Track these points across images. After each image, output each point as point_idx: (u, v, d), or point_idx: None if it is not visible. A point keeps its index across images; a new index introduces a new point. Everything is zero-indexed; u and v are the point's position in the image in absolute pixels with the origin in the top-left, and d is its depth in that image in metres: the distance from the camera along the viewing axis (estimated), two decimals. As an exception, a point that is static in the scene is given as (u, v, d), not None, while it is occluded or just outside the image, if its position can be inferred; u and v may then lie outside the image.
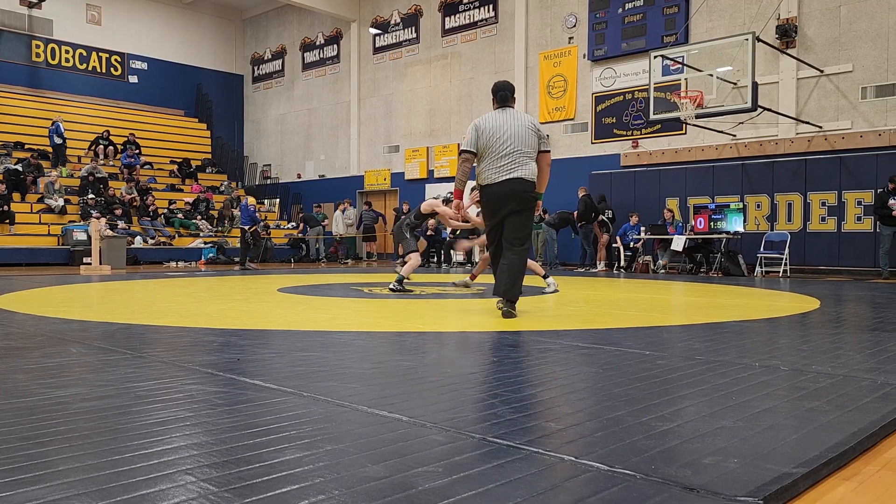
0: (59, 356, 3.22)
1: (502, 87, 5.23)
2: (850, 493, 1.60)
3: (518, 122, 5.07)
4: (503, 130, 5.02)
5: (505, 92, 5.22)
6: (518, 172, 4.98)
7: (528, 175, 5.00)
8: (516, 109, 5.23)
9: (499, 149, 5.00)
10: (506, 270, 4.99)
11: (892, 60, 11.93)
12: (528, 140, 5.04)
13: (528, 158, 5.03)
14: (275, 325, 4.52)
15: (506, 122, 5.04)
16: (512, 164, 4.98)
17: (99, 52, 22.09)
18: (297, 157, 23.10)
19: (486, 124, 5.08)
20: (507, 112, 5.13)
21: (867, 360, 3.19)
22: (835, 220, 12.26)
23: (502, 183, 4.99)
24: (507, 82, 5.27)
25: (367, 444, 1.82)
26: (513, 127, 5.03)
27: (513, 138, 5.00)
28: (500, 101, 5.20)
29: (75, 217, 16.54)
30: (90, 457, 1.69)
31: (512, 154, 4.97)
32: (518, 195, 4.99)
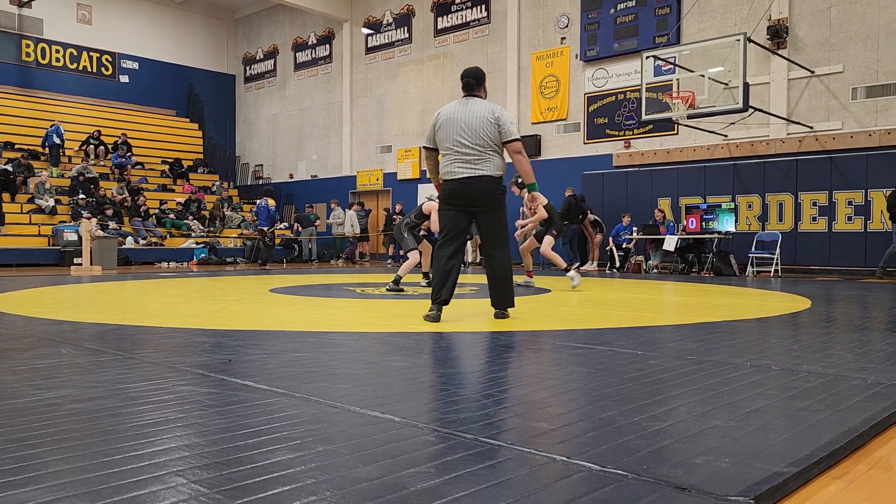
0: (50, 357, 3.20)
1: (466, 73, 4.82)
2: (841, 492, 1.61)
3: (475, 113, 4.64)
4: (458, 122, 4.65)
5: (468, 79, 4.80)
6: (479, 170, 4.64)
7: (491, 171, 4.65)
8: (481, 99, 4.78)
9: (455, 143, 4.65)
10: (497, 280, 4.81)
11: (883, 61, 12.00)
12: (487, 132, 4.61)
13: (489, 153, 4.64)
14: (267, 326, 4.51)
15: (462, 114, 4.66)
16: (472, 160, 4.62)
17: (90, 51, 21.99)
18: (289, 157, 23.05)
19: (444, 116, 4.74)
20: (468, 103, 4.72)
21: (857, 360, 3.21)
22: (826, 220, 12.33)
23: (464, 181, 4.65)
24: (475, 69, 4.85)
25: (359, 445, 1.81)
26: (468, 118, 4.63)
27: (467, 130, 4.62)
28: (464, 89, 4.82)
29: (66, 217, 16.45)
30: (80, 458, 1.68)
31: (471, 148, 4.62)
32: (485, 196, 4.67)
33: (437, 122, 4.77)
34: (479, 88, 4.82)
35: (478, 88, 4.81)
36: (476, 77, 4.80)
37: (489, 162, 4.65)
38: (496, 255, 4.82)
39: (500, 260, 4.81)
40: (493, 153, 4.66)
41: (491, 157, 4.65)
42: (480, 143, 4.62)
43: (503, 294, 4.84)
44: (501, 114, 4.70)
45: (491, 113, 4.66)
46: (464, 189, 4.68)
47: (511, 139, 4.68)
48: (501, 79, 17.24)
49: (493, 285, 4.86)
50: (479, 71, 4.83)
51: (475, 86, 4.80)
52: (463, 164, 4.65)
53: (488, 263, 4.86)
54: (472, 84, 4.79)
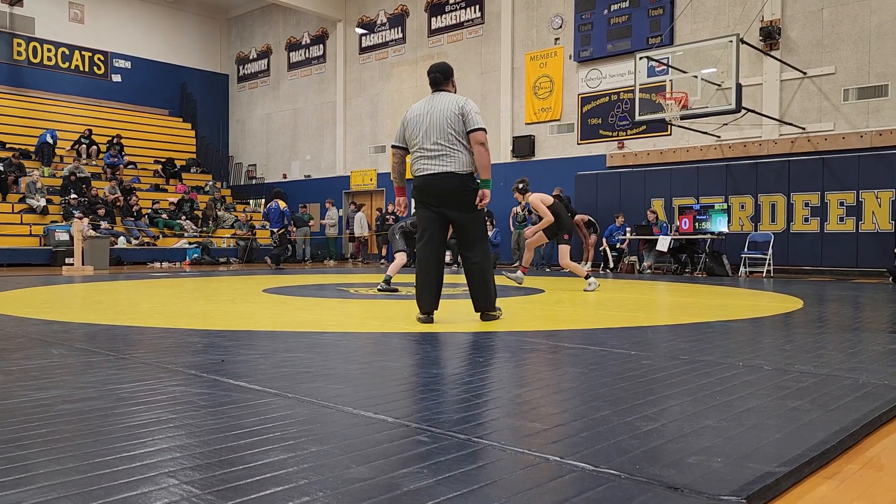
0: (41, 358, 3.18)
1: (433, 69, 4.67)
2: (832, 492, 1.62)
3: (440, 107, 4.50)
4: (425, 118, 4.51)
5: (435, 74, 4.64)
6: (445, 166, 4.47)
7: (458, 168, 4.47)
8: (448, 93, 4.63)
9: (422, 139, 4.52)
10: (474, 283, 4.64)
11: (874, 63, 12.06)
12: (451, 125, 4.45)
13: (456, 148, 4.47)
14: (260, 326, 4.50)
15: (429, 109, 4.53)
16: (438, 156, 4.48)
17: (82, 50, 21.90)
18: (282, 157, 23.01)
19: (412, 114, 4.60)
20: (434, 98, 4.58)
21: (849, 360, 3.22)
22: (818, 220, 12.38)
23: (430, 178, 4.52)
24: (441, 63, 4.71)
25: (351, 446, 1.81)
26: (434, 114, 4.49)
27: (433, 125, 4.47)
28: (431, 84, 4.67)
29: (57, 217, 16.37)
30: (72, 459, 1.67)
31: (434, 144, 4.47)
32: (454, 194, 4.50)
33: (405, 120, 4.64)
34: (447, 83, 4.66)
35: (445, 83, 4.65)
36: (443, 72, 4.65)
37: (455, 158, 4.47)
38: (470, 257, 4.64)
39: (474, 261, 4.63)
40: (460, 149, 4.48)
41: (457, 152, 4.47)
42: (446, 139, 4.46)
43: (481, 296, 4.66)
44: (466, 103, 4.52)
45: (456, 104, 4.49)
46: (430, 186, 4.54)
47: (474, 128, 4.47)
48: (495, 79, 17.26)
49: (471, 288, 4.69)
50: (445, 65, 4.69)
51: (442, 80, 4.64)
52: (428, 160, 4.51)
53: (464, 265, 4.70)
54: (438, 79, 4.64)
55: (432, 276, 4.60)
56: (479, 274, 4.62)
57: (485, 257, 4.66)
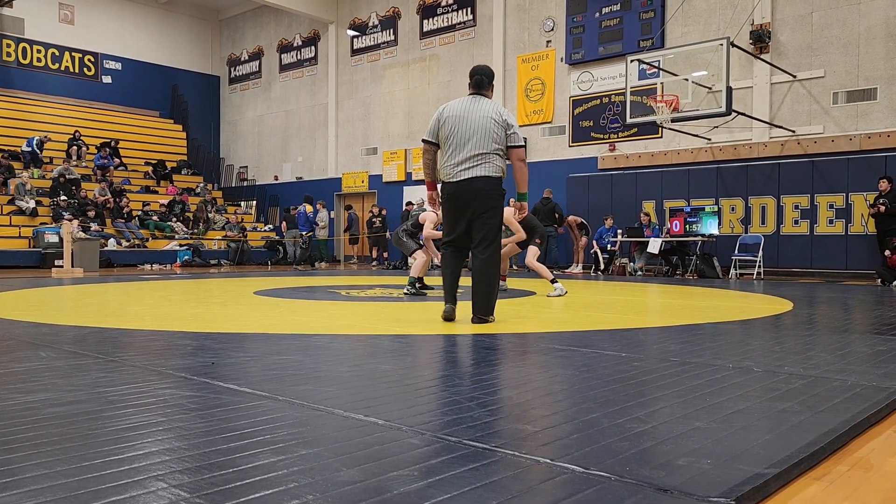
0: (29, 360, 3.16)
1: (477, 70, 4.67)
2: (821, 493, 1.62)
3: (482, 112, 4.52)
4: (465, 121, 4.51)
5: (480, 76, 4.65)
6: (480, 170, 4.51)
7: (491, 172, 4.53)
8: (488, 99, 4.66)
9: (458, 141, 4.52)
10: (477, 285, 4.61)
11: (863, 66, 12.15)
12: (492, 134, 4.50)
13: (492, 154, 4.52)
14: (250, 329, 4.48)
15: (469, 112, 4.53)
16: (473, 160, 4.50)
17: (72, 51, 21.79)
18: (274, 158, 22.96)
19: (449, 112, 4.58)
20: (475, 101, 4.58)
21: (838, 362, 3.24)
22: (807, 223, 12.46)
23: (462, 183, 4.54)
24: (486, 67, 4.74)
25: (342, 448, 1.81)
26: (475, 118, 4.50)
27: (474, 131, 4.49)
28: (473, 86, 4.67)
29: (47, 219, 16.28)
30: (59, 463, 1.66)
31: (472, 149, 4.49)
32: (481, 196, 4.54)
33: (441, 117, 4.60)
34: (489, 88, 4.68)
35: (488, 87, 4.67)
36: (488, 75, 4.66)
37: (490, 163, 4.52)
38: (481, 258, 4.63)
39: (484, 263, 4.62)
40: (495, 155, 4.53)
41: (493, 158, 4.53)
42: (485, 145, 4.49)
43: (479, 301, 4.63)
44: (509, 117, 4.59)
45: (499, 115, 4.53)
46: (462, 191, 4.57)
47: (517, 145, 4.58)
48: (487, 81, 17.26)
49: (474, 290, 4.68)
50: (490, 69, 4.71)
51: (486, 84, 4.66)
52: (466, 166, 4.53)
53: (473, 265, 4.71)
54: (483, 82, 4.65)
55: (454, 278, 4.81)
56: (484, 277, 4.60)
57: (493, 263, 4.64)
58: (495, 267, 4.66)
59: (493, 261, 4.64)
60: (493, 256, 4.65)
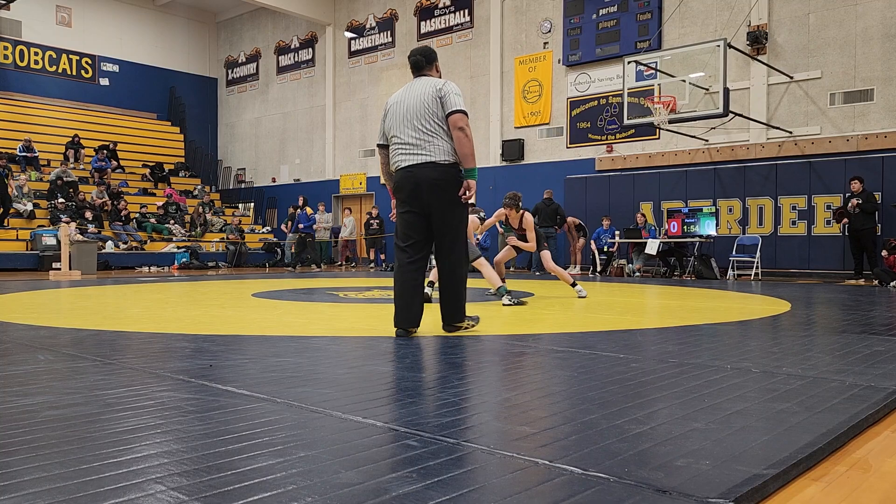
0: (27, 363, 3.15)
1: (414, 52, 4.28)
2: (820, 493, 1.63)
3: (417, 91, 4.09)
4: (402, 106, 4.11)
5: (417, 57, 4.24)
6: (423, 156, 4.01)
7: (437, 157, 4.00)
8: (430, 77, 4.23)
9: (398, 129, 4.10)
10: (443, 290, 4.19)
11: (860, 67, 12.17)
12: (430, 109, 4.01)
13: (439, 135, 4.01)
14: (248, 331, 4.48)
15: (406, 96, 4.13)
16: (415, 145, 4.03)
17: (69, 54, 21.76)
18: (271, 160, 22.95)
19: (389, 104, 4.22)
20: (412, 84, 4.18)
21: (836, 362, 3.24)
22: (805, 223, 12.47)
23: (408, 171, 4.06)
24: (423, 46, 4.33)
25: (340, 450, 1.80)
26: (410, 99, 4.09)
27: (411, 113, 4.05)
28: (412, 69, 4.27)
29: (45, 222, 16.26)
30: (57, 466, 1.66)
31: (415, 132, 4.04)
32: (431, 186, 4.01)
33: (385, 113, 4.23)
34: (430, 67, 4.26)
35: (428, 67, 4.25)
36: (424, 54, 4.25)
37: (436, 146, 4.01)
38: (444, 262, 4.17)
39: (444, 266, 4.17)
40: (441, 135, 4.01)
41: (437, 139, 4.01)
42: (423, 126, 4.02)
43: (447, 307, 4.21)
44: (446, 84, 4.07)
45: (433, 87, 4.05)
46: (407, 179, 4.07)
47: (451, 110, 3.99)
48: (485, 83, 17.29)
49: (441, 295, 4.25)
50: (427, 48, 4.31)
51: (424, 64, 4.24)
52: (406, 152, 4.07)
53: (438, 270, 4.24)
54: (420, 62, 4.23)
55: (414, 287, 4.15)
56: (447, 280, 4.16)
57: (457, 263, 4.17)
58: (461, 268, 4.21)
59: (458, 262, 4.18)
60: (458, 257, 4.17)
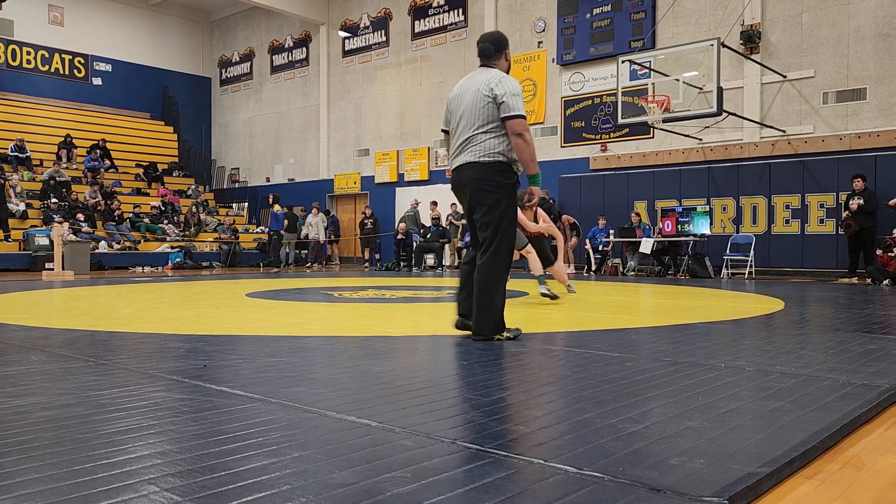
0: (19, 364, 3.14)
1: (481, 39, 3.99)
2: (813, 491, 1.63)
3: (473, 86, 3.86)
4: (460, 100, 3.92)
5: (485, 44, 3.96)
6: (466, 156, 3.84)
7: (479, 157, 3.80)
8: (490, 68, 3.93)
9: (454, 125, 3.95)
10: (475, 296, 3.86)
11: (853, 66, 12.22)
12: (478, 109, 3.80)
13: (481, 134, 3.80)
14: (242, 331, 4.47)
15: (465, 89, 3.91)
16: (462, 144, 3.87)
17: (62, 53, 21.67)
18: (265, 160, 22.90)
19: (452, 94, 4.03)
20: (474, 74, 3.94)
21: (829, 360, 3.25)
22: (798, 222, 12.51)
23: (455, 172, 3.94)
24: (492, 32, 4.05)
25: (335, 451, 1.80)
26: (467, 96, 3.87)
27: (464, 110, 3.87)
28: (479, 55, 3.99)
29: (37, 222, 16.19)
30: (50, 467, 1.65)
31: (462, 131, 3.87)
32: (471, 186, 3.84)
33: (448, 101, 4.07)
34: (499, 56, 3.96)
35: (496, 56, 3.95)
36: (493, 41, 3.94)
37: (481, 144, 3.80)
38: (478, 264, 3.90)
39: (479, 270, 3.87)
40: (484, 134, 3.80)
41: (481, 139, 3.80)
42: (472, 123, 3.82)
43: (478, 316, 3.87)
44: (500, 83, 3.78)
45: (486, 84, 3.78)
46: (455, 181, 3.97)
47: (507, 115, 3.73)
48: (479, 82, 17.27)
49: (473, 304, 3.92)
50: (496, 34, 4.01)
51: (493, 52, 3.94)
52: (456, 152, 3.94)
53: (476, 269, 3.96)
54: (487, 50, 3.94)
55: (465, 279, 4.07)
56: (481, 280, 3.85)
57: (492, 265, 3.84)
58: (494, 272, 3.86)
59: (489, 267, 3.85)
60: (492, 262, 3.84)
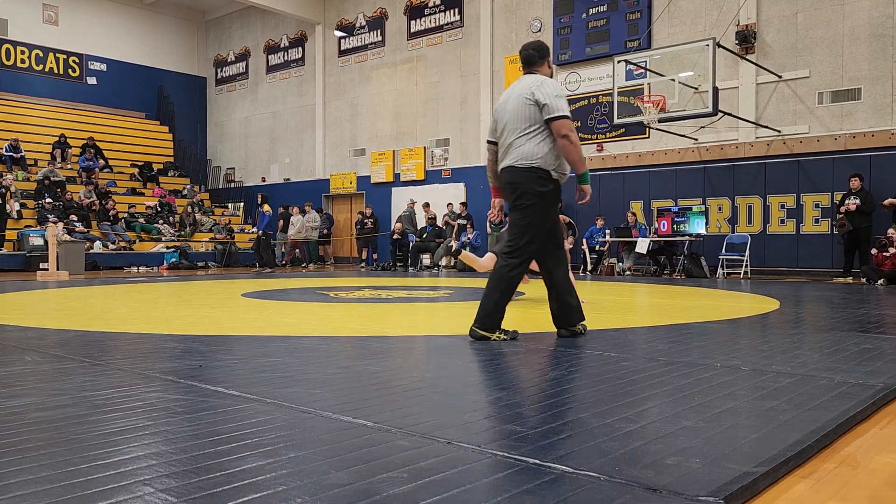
0: (14, 365, 3.13)
1: (525, 46, 4.06)
2: (809, 491, 1.63)
3: (516, 93, 3.91)
4: (504, 107, 3.97)
5: (528, 51, 4.02)
6: (508, 159, 3.89)
7: (516, 160, 3.83)
8: (532, 75, 3.98)
9: (500, 129, 3.99)
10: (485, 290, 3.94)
11: (847, 67, 12.25)
12: (521, 113, 3.83)
13: (522, 138, 3.83)
14: (238, 331, 4.46)
15: (509, 96, 3.96)
16: (506, 148, 3.93)
17: (56, 52, 21.58)
18: (261, 160, 22.86)
19: (498, 103, 4.06)
20: (516, 83, 3.97)
21: (825, 360, 3.26)
22: (793, 222, 12.54)
23: (501, 173, 4.00)
24: (537, 41, 4.11)
25: (331, 451, 1.80)
26: (510, 102, 3.92)
27: (507, 115, 3.92)
28: (522, 63, 4.05)
29: (32, 222, 16.14)
30: (44, 468, 1.64)
31: (508, 135, 3.91)
32: (509, 188, 3.91)
33: (494, 111, 4.09)
34: (541, 63, 4.01)
35: (539, 63, 4.00)
36: (537, 49, 4.00)
37: (518, 149, 3.83)
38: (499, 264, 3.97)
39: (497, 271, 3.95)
40: (524, 137, 3.82)
41: (521, 142, 3.83)
42: (516, 127, 3.85)
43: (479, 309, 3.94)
44: (541, 86, 3.82)
45: (528, 88, 3.83)
46: (500, 182, 4.03)
47: (551, 116, 3.76)
48: (475, 82, 17.29)
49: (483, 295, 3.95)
50: (540, 44, 4.06)
51: (536, 59, 3.99)
52: (502, 154, 3.97)
53: None
54: (531, 57, 3.99)
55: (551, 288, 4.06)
56: (489, 283, 3.92)
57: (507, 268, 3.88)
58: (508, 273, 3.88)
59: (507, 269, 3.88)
60: (510, 266, 3.88)
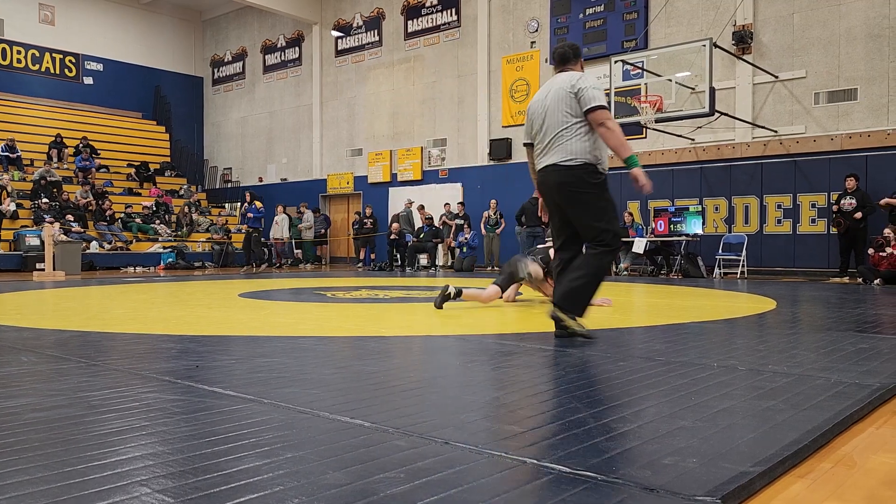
0: (10, 365, 3.12)
1: (559, 46, 4.06)
2: (805, 490, 1.64)
3: (555, 88, 3.87)
4: (542, 104, 3.93)
5: (563, 49, 4.02)
6: (553, 156, 3.84)
7: (562, 158, 3.80)
8: (570, 71, 3.96)
9: (538, 129, 3.94)
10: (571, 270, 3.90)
11: (844, 67, 12.28)
12: (561, 107, 3.79)
13: (565, 132, 3.79)
14: (235, 331, 4.45)
15: (546, 92, 3.93)
16: (548, 144, 3.87)
17: (52, 52, 21.55)
18: (258, 160, 22.84)
19: (531, 103, 4.02)
20: (551, 81, 3.96)
21: (821, 360, 3.26)
22: (790, 222, 12.57)
23: (542, 171, 3.94)
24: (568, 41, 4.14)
25: (328, 451, 1.80)
26: (549, 98, 3.88)
27: (548, 111, 3.86)
28: (557, 62, 4.05)
29: (28, 222, 16.10)
30: (40, 469, 1.64)
31: (549, 131, 3.87)
32: (556, 189, 3.88)
33: (528, 111, 4.06)
34: (575, 61, 4.01)
35: (574, 61, 4.00)
36: (572, 47, 4.02)
37: (564, 147, 3.80)
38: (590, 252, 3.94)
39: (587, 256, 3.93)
40: (568, 132, 3.79)
41: (566, 137, 3.80)
42: (558, 121, 3.82)
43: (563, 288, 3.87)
44: (580, 79, 3.81)
45: (567, 82, 3.81)
46: (541, 183, 3.97)
47: (590, 106, 3.74)
48: (472, 82, 17.29)
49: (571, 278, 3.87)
50: (574, 43, 4.13)
51: (571, 57, 4.00)
52: (540, 153, 3.95)
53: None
54: (567, 55, 4.00)
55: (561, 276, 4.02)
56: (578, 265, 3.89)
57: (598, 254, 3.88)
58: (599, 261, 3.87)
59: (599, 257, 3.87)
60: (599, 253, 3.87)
